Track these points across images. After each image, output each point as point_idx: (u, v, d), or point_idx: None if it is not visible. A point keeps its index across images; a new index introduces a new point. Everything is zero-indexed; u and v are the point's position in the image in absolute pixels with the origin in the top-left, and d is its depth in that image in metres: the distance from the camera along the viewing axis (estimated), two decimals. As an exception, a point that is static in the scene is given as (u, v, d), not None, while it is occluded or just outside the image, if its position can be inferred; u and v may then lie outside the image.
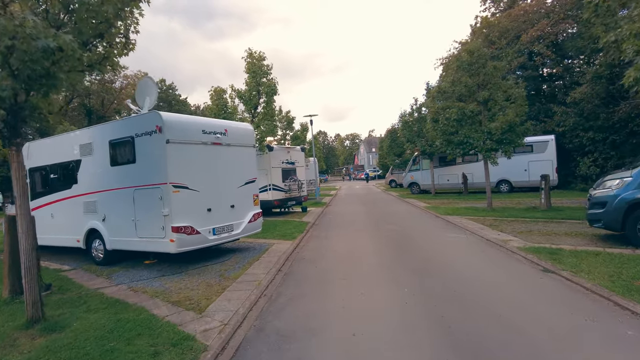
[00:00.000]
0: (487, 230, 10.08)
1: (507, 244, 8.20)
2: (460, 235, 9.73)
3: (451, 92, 14.63)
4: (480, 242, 8.79)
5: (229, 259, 8.18)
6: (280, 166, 16.24)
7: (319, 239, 10.35)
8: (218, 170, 8.04)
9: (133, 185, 7.60)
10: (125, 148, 7.71)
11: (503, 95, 13.85)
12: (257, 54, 13.56)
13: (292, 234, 10.76)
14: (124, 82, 44.06)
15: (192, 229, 7.26)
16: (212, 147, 7.94)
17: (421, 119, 23.08)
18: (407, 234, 10.39)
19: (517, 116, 13.10)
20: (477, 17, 32.31)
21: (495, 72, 14.23)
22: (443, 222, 12.30)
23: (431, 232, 10.52)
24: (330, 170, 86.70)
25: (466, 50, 14.44)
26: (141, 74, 48.01)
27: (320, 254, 8.43)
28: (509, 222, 11.29)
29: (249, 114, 13.90)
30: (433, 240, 9.33)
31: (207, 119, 8.37)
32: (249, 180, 8.78)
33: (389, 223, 12.60)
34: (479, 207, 15.75)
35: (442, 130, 14.27)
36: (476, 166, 23.01)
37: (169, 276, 7.13)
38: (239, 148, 8.56)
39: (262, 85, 13.24)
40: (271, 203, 15.77)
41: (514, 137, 13.61)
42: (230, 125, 8.57)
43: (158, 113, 7.12)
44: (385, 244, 9.17)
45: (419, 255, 7.80)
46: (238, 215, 8.41)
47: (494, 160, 13.91)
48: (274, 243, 9.67)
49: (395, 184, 34.39)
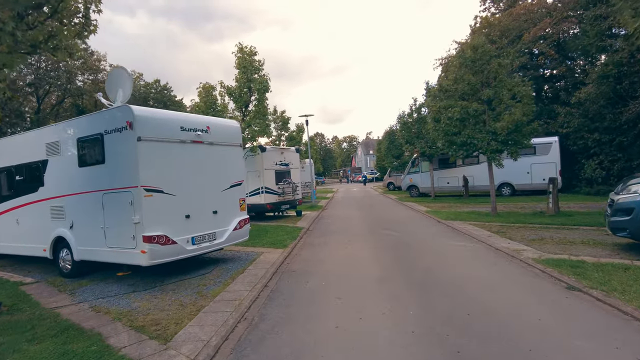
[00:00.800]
0: (495, 238, 9.28)
1: (520, 255, 7.39)
2: (466, 244, 8.92)
3: (453, 91, 13.86)
4: (489, 252, 7.98)
5: (211, 271, 7.31)
6: (273, 168, 15.41)
7: (313, 247, 9.51)
8: (199, 172, 7.19)
9: (102, 188, 6.74)
10: (94, 147, 6.85)
11: (508, 93, 13.09)
12: (248, 49, 12.75)
13: (284, 242, 9.91)
14: (117, 82, 43.04)
15: (166, 238, 6.41)
16: (192, 145, 7.10)
17: (420, 120, 22.33)
18: (408, 242, 9.57)
19: (524, 115, 12.34)
20: (477, 17, 31.69)
21: (500, 69, 13.49)
22: (446, 229, 11.49)
23: (434, 240, 9.71)
24: (327, 173, 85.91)
25: (470, 46, 13.69)
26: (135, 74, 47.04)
27: (313, 265, 7.59)
28: (517, 229, 10.50)
29: (239, 112, 13.07)
30: (437, 250, 8.51)
31: (186, 114, 7.53)
32: (234, 183, 7.93)
33: (389, 229, 11.78)
34: (482, 211, 14.97)
35: (444, 131, 13.49)
36: (477, 168, 22.30)
37: (140, 292, 6.27)
38: (223, 147, 7.72)
39: (253, 81, 12.43)
40: (264, 207, 14.93)
41: (520, 138, 12.84)
42: (214, 121, 7.73)
43: (129, 107, 6.28)
44: (385, 254, 8.34)
45: (423, 268, 6.97)
46: (221, 222, 7.55)
47: (499, 162, 13.13)
48: (263, 252, 8.82)
49: (393, 187, 33.62)
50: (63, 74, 35.89)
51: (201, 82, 12.53)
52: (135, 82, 46.60)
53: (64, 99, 40.27)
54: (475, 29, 29.19)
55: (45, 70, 35.88)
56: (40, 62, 35.29)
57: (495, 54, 13.44)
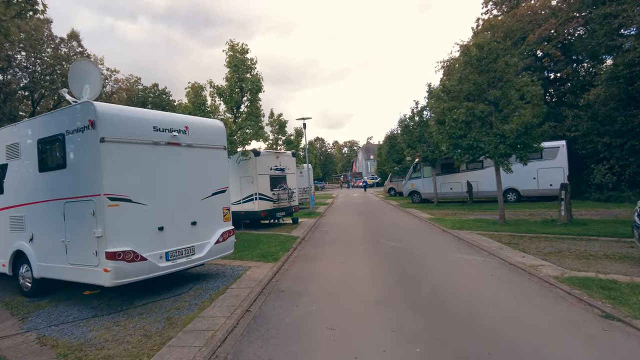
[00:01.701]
0: (507, 251, 8.41)
1: (539, 272, 6.52)
2: (476, 258, 8.05)
3: (458, 91, 13.06)
4: (503, 268, 7.10)
5: (188, 290, 6.45)
6: (268, 173, 14.58)
7: (307, 260, 8.64)
8: (175, 178, 6.36)
9: (63, 196, 5.91)
10: (55, 149, 6.04)
11: (517, 94, 12.29)
12: (240, 46, 12.01)
13: (275, 254, 9.04)
14: (114, 87, 42.66)
15: (134, 254, 5.56)
16: (168, 148, 6.28)
17: (422, 123, 21.55)
18: (412, 254, 8.70)
19: (534, 117, 11.52)
20: (479, 20, 31.06)
21: (508, 68, 12.71)
22: (452, 239, 10.62)
23: (441, 252, 8.83)
24: (327, 178, 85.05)
25: (475, 44, 12.92)
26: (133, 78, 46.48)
27: (305, 283, 6.72)
28: (529, 240, 9.63)
29: (230, 114, 12.29)
30: (445, 264, 7.63)
31: (161, 112, 6.71)
32: (217, 190, 7.10)
33: (390, 239, 10.91)
34: (489, 219, 14.11)
35: (448, 133, 12.67)
36: (481, 173, 21.48)
37: (102, 317, 5.41)
38: (204, 150, 6.90)
39: (244, 81, 11.65)
40: (257, 214, 14.07)
41: (529, 141, 12.02)
42: (193, 121, 6.91)
43: (91, 103, 5.47)
44: (386, 269, 7.47)
45: (429, 288, 6.10)
46: (201, 235, 6.70)
47: (508, 167, 12.29)
48: (251, 267, 7.95)
49: (394, 192, 32.74)
50: (58, 78, 35.35)
51: (189, 82, 11.79)
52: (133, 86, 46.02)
53: (60, 103, 39.73)
54: (477, 31, 28.52)
55: (40, 74, 35.34)
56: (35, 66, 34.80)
57: (502, 52, 12.67)
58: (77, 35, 38.49)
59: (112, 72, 40.69)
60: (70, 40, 38.70)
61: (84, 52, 39.45)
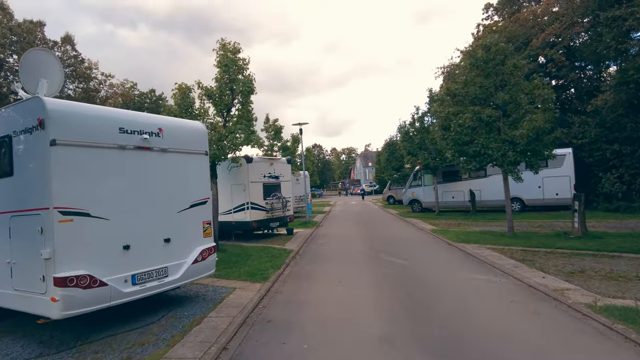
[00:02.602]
0: (523, 269, 7.53)
1: (567, 297, 5.64)
2: (490, 278, 7.15)
3: (463, 95, 12.29)
4: (523, 292, 6.21)
5: (159, 319, 5.51)
6: (261, 181, 13.71)
7: (300, 280, 7.71)
8: (145, 187, 5.48)
9: (10, 209, 5.01)
10: (1, 153, 5.15)
11: (526, 97, 11.53)
12: (232, 45, 11.23)
13: (265, 272, 8.12)
14: (109, 91, 41.94)
15: (91, 279, 4.64)
16: (137, 153, 5.40)
17: (423, 130, 20.80)
18: (418, 274, 7.80)
19: (546, 122, 10.73)
20: (480, 26, 30.60)
21: (516, 71, 11.98)
22: (460, 254, 9.73)
23: (449, 271, 7.94)
24: (325, 185, 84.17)
25: (481, 45, 12.19)
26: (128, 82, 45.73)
27: (296, 311, 5.80)
28: (545, 256, 8.77)
29: (220, 118, 11.45)
30: (456, 287, 6.73)
31: (129, 111, 5.84)
32: (196, 201, 6.21)
33: (392, 254, 10.00)
34: (496, 231, 13.25)
35: (453, 140, 11.87)
36: (484, 182, 20.70)
37: (49, 356, 4.47)
38: (181, 155, 6.02)
39: (236, 82, 10.84)
40: (249, 225, 13.15)
41: (540, 148, 11.22)
42: (169, 122, 6.04)
43: (40, 99, 4.60)
44: (390, 293, 6.55)
45: (442, 318, 5.19)
46: (176, 253, 5.79)
47: (518, 175, 11.47)
48: (236, 287, 7.02)
49: (393, 200, 31.89)
50: (50, 82, 34.46)
51: (176, 83, 10.96)
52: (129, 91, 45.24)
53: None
54: (478, 37, 28.01)
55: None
56: (27, 70, 33.98)
57: (510, 54, 11.95)
58: (71, 38, 37.80)
59: (107, 76, 40.00)
60: (64, 43, 38.03)
61: (78, 56, 38.78)
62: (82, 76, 38.37)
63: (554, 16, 22.62)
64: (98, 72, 40.02)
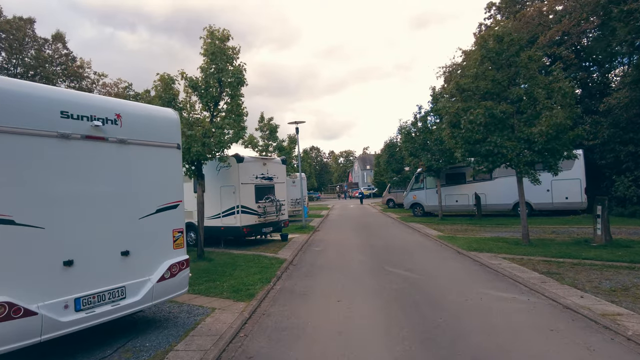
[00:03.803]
0: (553, 285, 6.44)
1: (621, 326, 4.55)
2: (517, 297, 6.05)
3: (474, 90, 11.25)
4: (562, 317, 5.11)
5: (111, 354, 4.36)
6: (253, 182, 12.59)
7: (292, 298, 6.57)
8: (96, 188, 4.36)
9: None
10: None
11: (543, 92, 10.51)
12: (221, 33, 10.16)
13: (252, 287, 6.98)
14: (102, 91, 40.86)
15: (12, 307, 3.52)
16: (85, 144, 4.28)
17: (426, 130, 19.77)
18: (430, 291, 6.69)
19: (567, 118, 9.70)
20: (482, 25, 29.76)
21: (531, 63, 10.97)
22: (474, 265, 8.63)
23: (466, 287, 6.83)
24: (323, 188, 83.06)
25: (493, 35, 11.17)
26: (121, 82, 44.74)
27: (284, 343, 4.66)
28: (572, 268, 7.70)
29: (207, 112, 10.36)
30: (479, 309, 5.62)
31: (75, 92, 4.72)
32: (165, 204, 5.08)
33: (398, 265, 8.90)
34: (507, 237, 12.20)
35: (464, 138, 10.80)
36: (490, 185, 19.69)
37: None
38: (146, 148, 4.91)
39: (224, 72, 9.76)
40: (239, 231, 12.01)
41: (560, 147, 10.17)
42: (130, 108, 4.92)
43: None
44: (400, 316, 5.44)
45: (470, 356, 4.08)
46: (137, 269, 4.67)
47: (535, 177, 10.41)
48: (216, 308, 5.87)
49: (393, 204, 30.82)
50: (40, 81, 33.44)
51: (158, 73, 9.85)
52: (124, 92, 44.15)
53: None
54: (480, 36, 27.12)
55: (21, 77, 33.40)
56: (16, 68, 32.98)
57: (524, 44, 10.94)
58: (62, 36, 36.74)
59: (100, 76, 38.92)
60: (55, 41, 36.95)
61: (70, 54, 37.70)
62: (74, 75, 37.33)
63: (560, 14, 21.77)
64: (91, 71, 38.95)
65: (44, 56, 35.04)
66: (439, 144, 18.63)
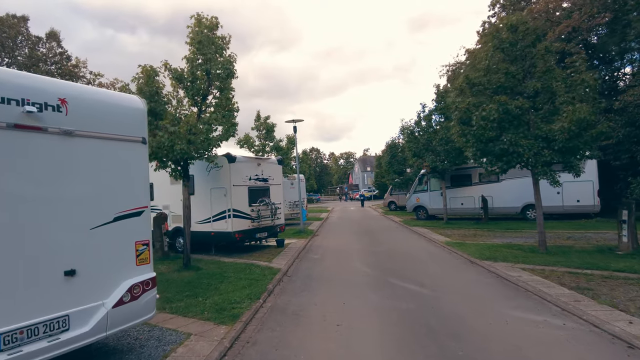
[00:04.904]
0: (589, 305, 5.51)
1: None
2: (549, 320, 5.11)
3: (485, 84, 10.33)
4: (613, 350, 4.17)
5: (46, 404, 3.43)
6: (246, 184, 11.66)
7: (283, 320, 5.63)
8: (31, 190, 3.44)
9: None
10: None
11: (561, 86, 9.61)
12: (209, 21, 9.28)
13: (238, 305, 6.04)
14: (98, 91, 39.94)
15: None
16: (12, 134, 3.36)
17: (430, 129, 18.87)
18: (445, 312, 5.74)
19: (591, 114, 8.79)
20: (485, 24, 28.91)
21: (548, 55, 10.08)
22: (490, 277, 7.69)
23: (487, 307, 5.89)
24: (323, 189, 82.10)
25: (507, 25, 10.27)
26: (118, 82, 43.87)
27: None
28: (605, 282, 6.76)
29: (195, 107, 9.46)
30: (507, 336, 4.68)
31: (5, 69, 3.80)
32: (125, 211, 4.15)
33: (404, 277, 7.96)
34: (521, 244, 11.25)
35: (475, 136, 9.88)
36: (497, 187, 18.79)
37: None
38: (100, 142, 3.98)
39: (212, 63, 8.85)
40: (230, 236, 11.07)
41: (582, 145, 9.25)
42: (79, 91, 3.99)
43: None
44: (415, 350, 4.50)
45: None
46: (86, 293, 3.73)
47: (554, 179, 9.48)
48: (192, 334, 4.93)
49: (395, 207, 29.87)
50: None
51: (139, 65, 8.94)
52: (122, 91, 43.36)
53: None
54: (484, 34, 26.29)
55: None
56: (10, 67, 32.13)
57: (541, 34, 10.04)
58: (56, 34, 35.94)
59: (96, 75, 38.07)
60: (49, 40, 36.16)
61: (64, 53, 36.90)
62: (69, 74, 36.48)
63: (569, 9, 20.94)
64: (86, 70, 38.14)
65: (38, 55, 34.26)
66: (445, 143, 17.72)
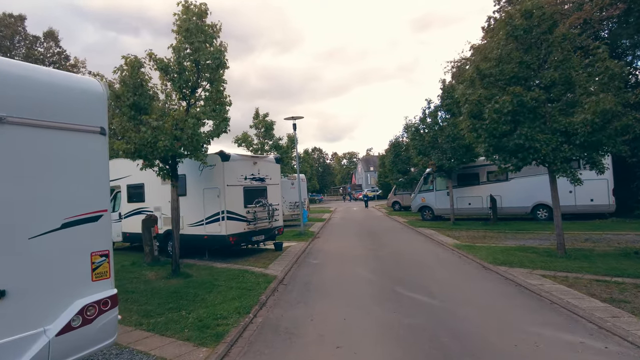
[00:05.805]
0: (631, 323, 4.72)
1: None
2: (586, 341, 4.33)
3: (497, 75, 9.55)
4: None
5: None
6: (241, 184, 10.94)
7: (274, 338, 4.88)
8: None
9: None
10: None
11: (582, 76, 8.82)
12: (198, 7, 8.57)
13: (224, 321, 5.30)
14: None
15: None
16: None
17: (436, 126, 18.07)
18: (461, 330, 4.98)
19: (617, 104, 7.99)
20: (490, 19, 28.06)
21: (565, 43, 9.30)
22: (507, 285, 6.90)
23: (508, 322, 5.12)
24: (326, 190, 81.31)
25: (521, 11, 9.49)
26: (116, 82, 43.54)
27: None
28: (639, 292, 5.97)
29: (184, 101, 8.76)
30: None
31: None
32: (76, 216, 3.42)
33: (413, 286, 7.19)
34: (536, 246, 10.46)
35: (488, 130, 9.10)
36: (506, 186, 17.96)
37: None
38: (44, 132, 3.26)
39: (201, 53, 8.14)
40: (224, 240, 10.34)
41: (605, 140, 8.45)
42: (17, 70, 3.26)
43: None
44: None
45: None
46: (19, 319, 3.00)
47: (575, 177, 8.69)
48: (166, 358, 4.21)
49: (399, 207, 29.06)
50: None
51: (123, 56, 8.23)
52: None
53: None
54: (489, 29, 25.46)
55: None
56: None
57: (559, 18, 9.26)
58: (54, 34, 35.48)
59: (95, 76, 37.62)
60: (47, 39, 35.70)
61: (63, 53, 36.45)
62: (67, 74, 35.92)
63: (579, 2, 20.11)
64: (85, 70, 37.66)
65: (35, 54, 33.79)
66: (451, 140, 16.93)
